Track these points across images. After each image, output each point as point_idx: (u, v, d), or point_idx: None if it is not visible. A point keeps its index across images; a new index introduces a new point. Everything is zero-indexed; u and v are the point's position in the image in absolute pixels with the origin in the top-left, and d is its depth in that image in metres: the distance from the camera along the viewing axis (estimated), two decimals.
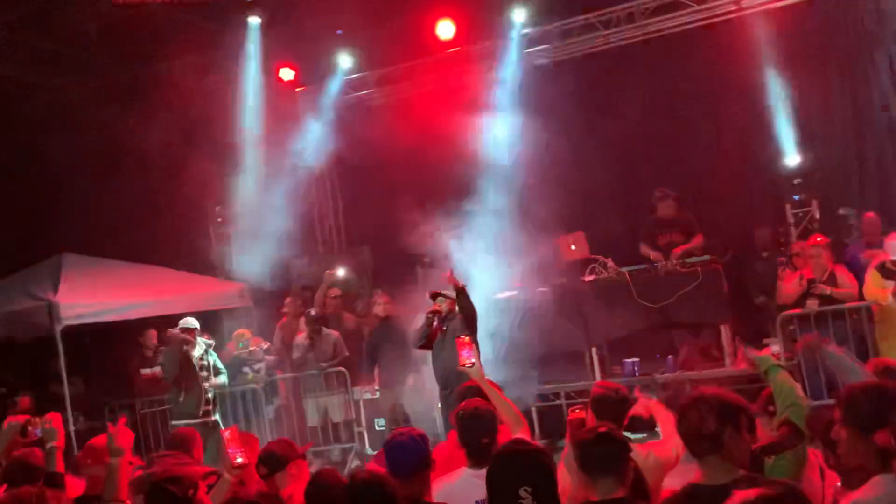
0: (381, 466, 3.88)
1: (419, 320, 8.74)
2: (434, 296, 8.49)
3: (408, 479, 3.68)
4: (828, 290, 8.61)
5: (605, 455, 3.13)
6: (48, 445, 4.16)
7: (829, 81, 10.68)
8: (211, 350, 9.90)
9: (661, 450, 4.37)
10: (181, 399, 9.64)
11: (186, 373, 9.57)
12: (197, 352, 9.68)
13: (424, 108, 11.34)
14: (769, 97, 10.43)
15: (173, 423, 9.65)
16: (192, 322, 9.76)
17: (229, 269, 13.65)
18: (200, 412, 9.54)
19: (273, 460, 4.45)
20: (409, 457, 3.75)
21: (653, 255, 9.84)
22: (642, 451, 4.29)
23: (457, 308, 8.34)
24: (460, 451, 4.43)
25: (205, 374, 9.68)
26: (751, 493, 2.41)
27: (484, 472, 3.89)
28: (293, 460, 4.47)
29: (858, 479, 3.07)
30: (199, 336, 9.82)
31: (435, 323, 8.37)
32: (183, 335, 9.64)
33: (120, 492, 3.68)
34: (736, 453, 3.04)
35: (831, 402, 3.84)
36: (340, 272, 13.07)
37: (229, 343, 11.40)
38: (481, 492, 3.82)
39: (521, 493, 2.96)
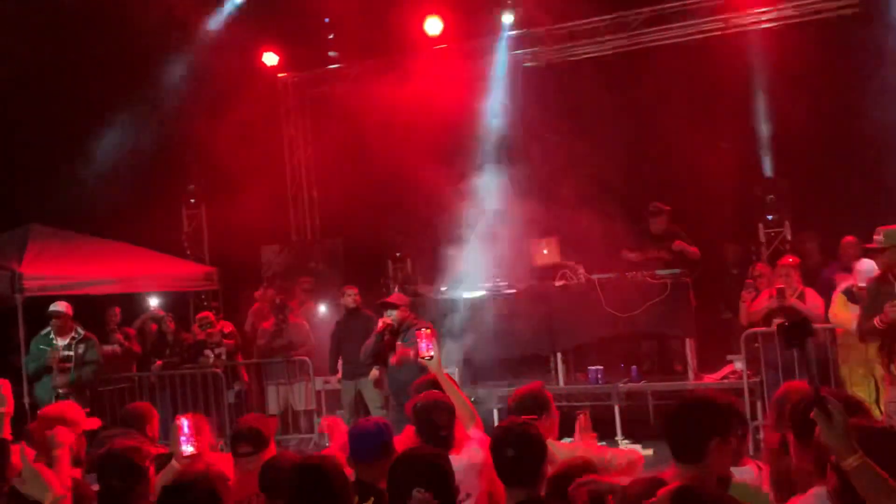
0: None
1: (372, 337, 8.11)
2: (382, 307, 7.99)
3: (369, 465, 3.79)
4: (799, 304, 8.62)
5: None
6: None
7: (809, 104, 10.77)
8: (82, 340, 9.22)
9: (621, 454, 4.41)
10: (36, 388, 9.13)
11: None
12: (61, 342, 9.12)
13: (403, 103, 11.29)
14: (750, 115, 10.51)
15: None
16: (58, 306, 9.15)
17: (199, 252, 13.61)
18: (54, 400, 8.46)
19: (260, 440, 4.39)
20: (371, 443, 3.85)
21: (632, 255, 9.85)
22: (604, 453, 4.32)
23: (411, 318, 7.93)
24: (415, 443, 4.43)
25: (67, 364, 9.04)
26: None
27: None
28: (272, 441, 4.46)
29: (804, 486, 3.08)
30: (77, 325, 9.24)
31: (386, 337, 7.88)
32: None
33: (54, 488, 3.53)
34: (718, 462, 3.08)
35: None
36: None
37: (193, 325, 11.32)
38: None
39: (414, 493, 3.04)
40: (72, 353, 9.13)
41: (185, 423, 4.12)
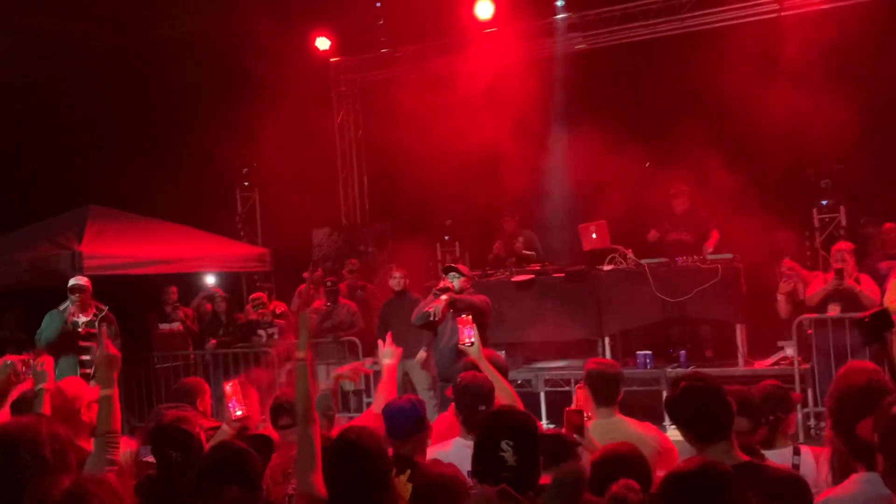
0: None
1: (429, 298, 7.98)
2: (446, 270, 7.99)
3: (403, 440, 3.87)
4: (857, 286, 8.48)
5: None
6: (37, 387, 4.15)
7: (865, 88, 10.53)
8: (104, 318, 8.87)
9: (664, 439, 4.41)
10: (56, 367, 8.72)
11: (63, 339, 8.65)
12: (84, 318, 8.78)
13: (453, 87, 11.32)
14: (805, 98, 10.30)
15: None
16: (79, 280, 8.90)
17: (252, 234, 13.84)
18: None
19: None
20: (405, 419, 3.91)
21: (650, 235, 9.93)
22: (650, 432, 4.34)
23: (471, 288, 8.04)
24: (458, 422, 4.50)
25: (91, 343, 8.59)
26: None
27: None
28: None
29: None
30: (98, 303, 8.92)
31: (443, 298, 7.61)
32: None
33: (114, 423, 3.62)
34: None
35: None
36: None
37: (246, 305, 11.55)
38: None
39: (503, 445, 3.05)
40: (96, 330, 8.74)
41: (231, 387, 4.24)
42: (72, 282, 8.93)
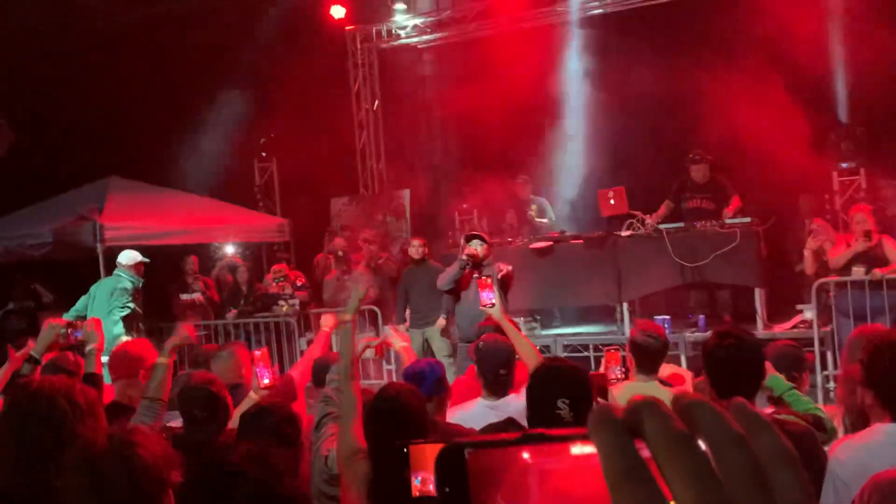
0: None
1: (455, 263, 8.08)
2: (469, 238, 7.99)
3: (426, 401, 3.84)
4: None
5: None
6: (88, 347, 4.23)
7: (886, 47, 10.38)
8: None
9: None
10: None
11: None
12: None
13: (471, 54, 11.25)
14: (824, 60, 10.18)
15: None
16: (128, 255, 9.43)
17: (270, 204, 13.90)
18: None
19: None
20: (426, 380, 3.90)
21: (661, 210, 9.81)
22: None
23: (491, 256, 8.09)
24: (478, 384, 4.54)
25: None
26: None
27: (498, 402, 4.05)
28: None
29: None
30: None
31: (468, 268, 7.74)
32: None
33: (161, 392, 3.75)
34: None
35: None
36: None
37: (267, 275, 11.63)
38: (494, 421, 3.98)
39: (559, 403, 2.97)
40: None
41: (261, 354, 4.30)
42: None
